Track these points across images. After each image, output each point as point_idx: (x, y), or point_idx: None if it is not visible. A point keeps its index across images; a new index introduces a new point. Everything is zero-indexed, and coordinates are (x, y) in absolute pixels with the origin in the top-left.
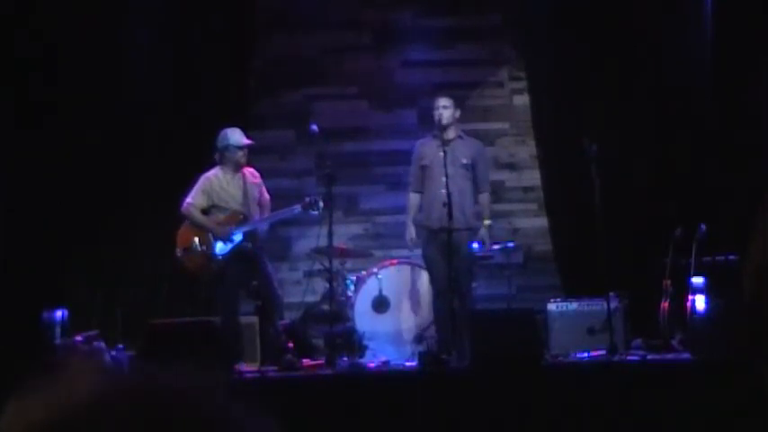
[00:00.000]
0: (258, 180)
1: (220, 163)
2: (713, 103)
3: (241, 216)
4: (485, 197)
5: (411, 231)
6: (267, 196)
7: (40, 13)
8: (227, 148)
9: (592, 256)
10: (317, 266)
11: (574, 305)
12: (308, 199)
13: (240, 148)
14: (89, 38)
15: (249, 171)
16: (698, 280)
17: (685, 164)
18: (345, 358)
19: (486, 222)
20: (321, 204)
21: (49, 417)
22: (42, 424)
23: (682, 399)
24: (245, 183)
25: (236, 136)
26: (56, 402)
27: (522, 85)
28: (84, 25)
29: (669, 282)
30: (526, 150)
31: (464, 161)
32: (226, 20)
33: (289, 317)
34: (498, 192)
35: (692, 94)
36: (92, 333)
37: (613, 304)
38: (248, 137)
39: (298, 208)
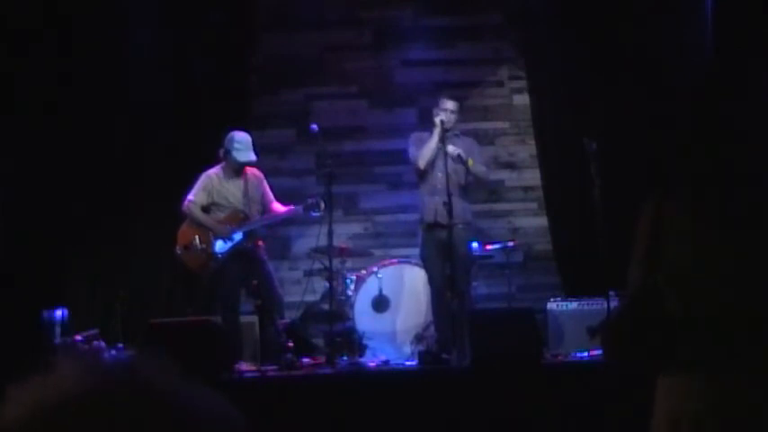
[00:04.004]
0: (260, 180)
1: (224, 160)
2: (713, 102)
3: (242, 215)
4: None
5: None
6: (272, 198)
7: (39, 14)
8: (228, 152)
9: (592, 255)
10: (317, 266)
11: (574, 305)
12: (309, 200)
13: (239, 162)
14: (89, 38)
15: (251, 170)
16: None
17: (689, 163)
18: (345, 358)
19: (471, 161)
20: (323, 206)
21: (39, 407)
22: (33, 413)
23: None
24: (246, 182)
25: (241, 149)
26: (44, 391)
27: (522, 84)
28: (84, 25)
29: None
30: (526, 150)
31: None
32: (226, 19)
33: (289, 316)
34: (498, 191)
35: (691, 94)
36: (92, 333)
37: (613, 304)
38: (255, 150)
39: (299, 209)
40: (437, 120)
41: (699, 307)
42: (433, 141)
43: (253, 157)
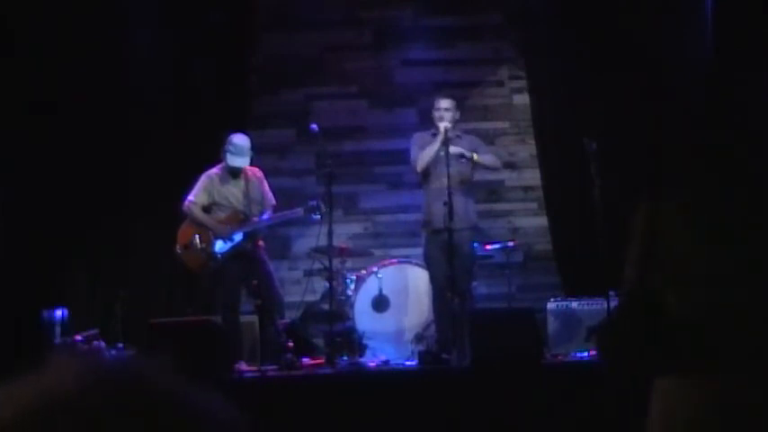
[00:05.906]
0: (260, 180)
1: (224, 160)
2: (712, 103)
3: (242, 216)
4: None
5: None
6: (271, 198)
7: (39, 14)
8: (224, 154)
9: (592, 255)
10: (317, 265)
11: (574, 304)
12: (310, 203)
13: (228, 165)
14: (89, 38)
15: (251, 170)
16: None
17: (685, 163)
18: (345, 357)
19: (475, 155)
20: (323, 208)
21: (33, 403)
22: (27, 410)
23: None
24: (247, 182)
25: (234, 152)
26: (40, 389)
27: (523, 84)
28: (84, 25)
29: None
30: (526, 149)
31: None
32: (226, 19)
33: (289, 316)
34: (498, 191)
35: (691, 94)
36: (92, 333)
37: (613, 304)
38: (253, 154)
39: (300, 212)
40: (441, 126)
41: (696, 307)
42: (436, 145)
43: (242, 164)
